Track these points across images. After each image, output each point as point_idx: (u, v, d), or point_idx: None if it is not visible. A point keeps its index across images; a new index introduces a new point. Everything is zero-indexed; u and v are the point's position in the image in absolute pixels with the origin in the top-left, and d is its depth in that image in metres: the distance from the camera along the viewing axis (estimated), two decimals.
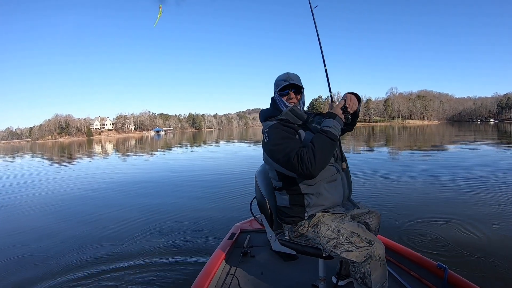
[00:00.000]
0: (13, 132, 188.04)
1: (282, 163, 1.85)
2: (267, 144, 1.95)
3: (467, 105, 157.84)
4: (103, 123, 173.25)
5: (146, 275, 3.69)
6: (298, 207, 1.99)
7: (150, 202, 7.29)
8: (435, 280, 2.37)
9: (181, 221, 5.69)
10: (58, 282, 3.65)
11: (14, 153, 40.10)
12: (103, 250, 4.57)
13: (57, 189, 10.21)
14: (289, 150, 1.82)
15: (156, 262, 4.03)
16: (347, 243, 1.82)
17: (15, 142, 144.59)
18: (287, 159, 1.80)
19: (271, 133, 1.96)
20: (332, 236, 1.87)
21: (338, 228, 1.88)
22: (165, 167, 15.16)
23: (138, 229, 5.40)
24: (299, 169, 1.77)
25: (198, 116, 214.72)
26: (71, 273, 3.84)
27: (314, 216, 1.97)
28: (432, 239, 4.26)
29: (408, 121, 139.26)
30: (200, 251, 4.29)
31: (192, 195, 7.82)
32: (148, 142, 50.78)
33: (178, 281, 3.50)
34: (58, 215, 6.69)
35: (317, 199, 1.95)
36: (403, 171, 10.45)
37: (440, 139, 26.88)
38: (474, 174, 8.84)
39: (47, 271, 3.94)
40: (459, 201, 6.04)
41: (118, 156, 25.35)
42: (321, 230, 1.93)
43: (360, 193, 6.88)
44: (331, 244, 1.86)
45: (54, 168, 18.01)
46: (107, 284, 3.54)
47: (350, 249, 1.80)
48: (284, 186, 2.03)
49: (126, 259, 4.18)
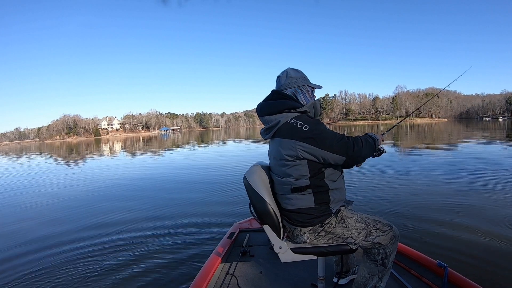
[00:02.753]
0: (22, 133, 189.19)
1: (335, 147, 1.79)
2: (309, 133, 1.80)
3: (475, 102, 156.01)
4: (111, 123, 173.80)
5: (144, 274, 3.71)
6: (323, 205, 1.91)
7: (150, 201, 7.36)
8: (435, 279, 2.37)
9: (180, 219, 5.72)
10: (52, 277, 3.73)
11: (23, 154, 40.50)
12: (100, 246, 4.63)
13: (56, 190, 10.34)
14: (340, 135, 1.84)
15: (154, 261, 4.04)
16: (375, 229, 1.95)
17: (23, 142, 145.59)
18: (343, 142, 1.80)
19: (307, 122, 1.84)
20: (362, 227, 1.95)
21: (363, 218, 1.98)
22: (169, 165, 15.32)
23: (136, 226, 5.47)
24: (353, 150, 1.81)
25: (206, 115, 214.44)
26: (66, 272, 3.88)
27: (340, 211, 1.98)
28: (432, 238, 4.25)
29: (416, 119, 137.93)
30: (199, 250, 4.29)
31: (192, 195, 7.82)
32: (156, 142, 50.90)
33: (177, 280, 3.50)
34: (51, 213, 6.83)
35: (340, 193, 1.96)
36: (404, 168, 10.44)
37: (447, 137, 26.72)
38: (476, 173, 8.79)
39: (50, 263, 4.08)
40: (459, 200, 6.00)
41: (125, 156, 25.50)
42: (349, 223, 1.95)
43: (359, 190, 6.86)
44: (362, 234, 1.94)
45: (62, 168, 18.22)
46: (107, 283, 3.56)
47: (379, 234, 1.95)
48: (311, 183, 1.88)
49: (123, 257, 4.21)
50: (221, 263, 2.83)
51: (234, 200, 6.96)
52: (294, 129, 1.83)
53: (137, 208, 6.81)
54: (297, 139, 1.81)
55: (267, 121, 1.98)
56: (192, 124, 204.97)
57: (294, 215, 1.94)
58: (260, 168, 2.08)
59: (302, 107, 1.96)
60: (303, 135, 1.80)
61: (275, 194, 2.03)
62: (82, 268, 3.98)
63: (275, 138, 1.94)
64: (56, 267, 4.06)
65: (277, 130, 1.92)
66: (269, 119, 1.96)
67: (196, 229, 5.17)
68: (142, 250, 4.41)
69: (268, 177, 2.06)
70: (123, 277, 3.67)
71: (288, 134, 1.85)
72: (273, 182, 2.04)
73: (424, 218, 5.02)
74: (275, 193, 2.03)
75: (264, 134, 2.04)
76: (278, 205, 2.01)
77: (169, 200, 7.36)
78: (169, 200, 7.42)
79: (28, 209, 7.71)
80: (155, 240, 4.81)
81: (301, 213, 1.92)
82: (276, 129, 1.92)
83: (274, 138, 1.95)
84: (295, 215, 1.94)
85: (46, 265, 4.13)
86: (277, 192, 2.02)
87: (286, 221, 2.01)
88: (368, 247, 1.96)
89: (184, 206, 6.71)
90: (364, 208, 5.51)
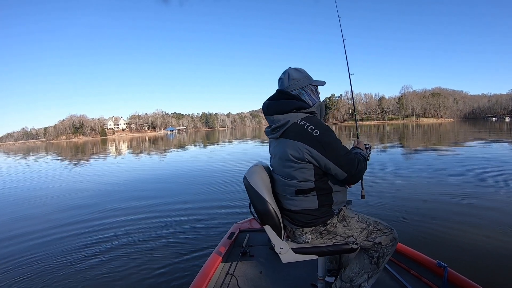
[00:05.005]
0: (28, 133, 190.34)
1: (341, 161, 1.77)
2: (319, 138, 1.76)
3: (482, 102, 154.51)
4: (117, 123, 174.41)
5: (144, 274, 3.72)
6: (326, 207, 1.90)
7: (150, 201, 7.36)
8: (435, 279, 2.36)
9: (180, 220, 5.74)
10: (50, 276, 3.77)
11: (29, 153, 40.78)
12: (101, 246, 4.65)
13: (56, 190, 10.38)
14: (347, 150, 1.82)
15: (154, 261, 4.05)
16: (376, 230, 1.96)
17: (30, 142, 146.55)
18: (349, 158, 1.79)
19: (318, 126, 1.79)
20: (363, 227, 1.95)
21: (365, 219, 1.99)
22: (171, 165, 15.60)
23: (136, 226, 5.50)
24: (356, 169, 1.80)
25: (211, 115, 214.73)
26: (64, 271, 3.91)
27: (341, 211, 1.97)
28: (432, 237, 4.25)
29: (422, 119, 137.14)
30: (199, 250, 4.30)
31: (192, 195, 7.84)
32: (162, 142, 51.12)
33: (177, 280, 3.51)
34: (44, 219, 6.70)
35: (343, 195, 1.96)
36: (405, 168, 10.49)
37: (453, 137, 26.53)
38: (477, 173, 8.76)
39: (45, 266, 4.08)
40: (459, 200, 6.00)
41: (131, 156, 25.68)
42: (351, 223, 1.95)
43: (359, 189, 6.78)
44: (364, 234, 1.94)
45: (68, 167, 18.33)
46: (105, 282, 3.58)
47: (380, 235, 1.95)
48: (316, 186, 1.86)
49: (123, 256, 4.23)
50: (221, 263, 2.83)
51: (234, 200, 6.97)
52: (304, 131, 1.79)
53: (137, 208, 6.84)
54: (306, 142, 1.77)
55: (274, 121, 1.93)
56: (198, 124, 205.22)
57: (296, 215, 1.92)
58: (260, 168, 2.07)
59: (310, 107, 1.93)
60: (312, 140, 1.77)
61: (275, 194, 2.01)
62: (82, 268, 4.00)
63: (281, 138, 1.89)
64: (55, 266, 4.10)
65: (285, 131, 1.87)
66: (276, 118, 1.91)
67: (196, 229, 5.18)
68: (142, 250, 4.43)
69: (269, 177, 2.04)
70: (123, 277, 3.69)
71: (297, 136, 1.81)
72: (274, 182, 2.02)
73: (423, 218, 5.03)
74: (275, 193, 2.01)
75: (269, 133, 1.99)
76: (279, 205, 1.99)
77: (169, 200, 7.38)
78: (169, 200, 7.43)
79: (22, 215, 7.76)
80: (155, 240, 4.82)
81: (304, 214, 1.90)
82: (285, 129, 1.88)
83: (281, 138, 1.90)
84: (298, 216, 1.92)
85: (44, 265, 4.15)
86: (278, 192, 1.99)
87: (287, 221, 1.99)
88: (368, 247, 1.96)
89: (184, 206, 6.73)
90: (364, 208, 5.50)
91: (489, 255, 3.65)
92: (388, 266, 2.59)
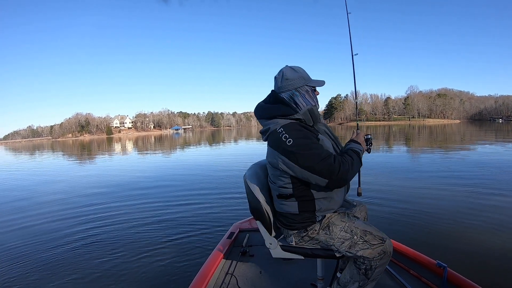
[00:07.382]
0: (34, 131, 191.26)
1: (317, 168, 1.69)
2: (291, 147, 1.73)
3: (489, 103, 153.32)
4: (123, 122, 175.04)
5: (144, 273, 3.73)
6: (308, 213, 1.88)
7: (150, 201, 7.39)
8: (435, 279, 2.37)
9: (180, 219, 5.75)
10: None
11: (35, 151, 41.02)
12: (100, 247, 4.65)
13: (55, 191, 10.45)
14: (325, 154, 1.71)
15: (154, 260, 4.06)
16: (362, 242, 1.81)
17: (36, 140, 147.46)
18: (327, 163, 1.68)
19: (293, 135, 1.75)
20: (346, 237, 1.84)
21: (351, 228, 1.86)
22: (173, 165, 15.49)
23: (135, 226, 5.52)
24: (337, 174, 1.68)
25: (217, 115, 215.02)
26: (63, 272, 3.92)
27: (324, 218, 1.91)
28: (432, 237, 4.25)
29: (428, 120, 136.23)
30: (199, 250, 4.31)
31: (192, 195, 7.81)
32: (167, 141, 51.22)
33: (176, 280, 3.52)
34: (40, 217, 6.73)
35: (329, 203, 1.89)
36: (408, 168, 10.47)
37: (460, 139, 26.35)
38: (478, 174, 8.72)
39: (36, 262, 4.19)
40: (459, 200, 6.00)
41: (136, 154, 25.79)
42: (333, 231, 1.87)
43: (355, 186, 6.75)
44: (346, 244, 1.84)
45: (73, 165, 18.43)
46: (105, 282, 3.60)
47: (365, 247, 1.80)
48: (295, 193, 1.85)
49: (122, 257, 4.24)
50: (221, 263, 2.84)
51: (234, 199, 6.98)
52: (279, 141, 1.78)
53: (137, 207, 6.84)
54: (280, 152, 1.77)
55: (262, 124, 1.96)
56: (204, 123, 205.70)
57: (281, 217, 1.99)
58: (258, 167, 2.13)
59: (295, 114, 1.87)
60: (285, 149, 1.75)
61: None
62: (82, 267, 4.01)
63: (267, 142, 1.92)
64: (54, 265, 4.12)
65: (267, 137, 1.90)
66: (263, 123, 1.95)
67: (196, 228, 5.18)
68: (141, 250, 4.43)
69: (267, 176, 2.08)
70: (123, 276, 3.70)
71: (274, 144, 1.82)
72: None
73: (424, 218, 5.03)
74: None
75: (262, 136, 2.00)
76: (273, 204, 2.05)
77: (169, 200, 7.37)
78: (169, 199, 7.42)
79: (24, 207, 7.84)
80: (155, 239, 4.83)
81: (286, 217, 1.95)
82: (266, 136, 1.91)
83: (266, 142, 1.92)
84: (282, 217, 1.99)
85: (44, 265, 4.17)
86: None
87: (276, 220, 2.05)
88: (352, 258, 1.89)
89: (184, 206, 6.74)
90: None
91: (489, 255, 3.66)
92: (388, 266, 2.58)
